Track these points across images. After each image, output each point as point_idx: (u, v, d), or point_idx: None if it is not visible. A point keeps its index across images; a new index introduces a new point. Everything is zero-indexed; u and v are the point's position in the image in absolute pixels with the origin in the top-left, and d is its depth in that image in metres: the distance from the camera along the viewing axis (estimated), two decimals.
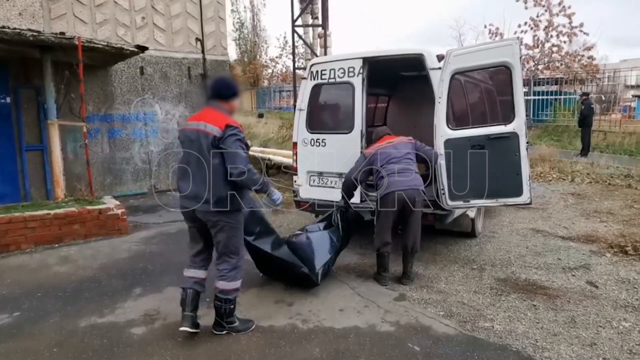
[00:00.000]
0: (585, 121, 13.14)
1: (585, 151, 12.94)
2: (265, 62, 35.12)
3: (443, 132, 4.27)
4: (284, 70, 32.86)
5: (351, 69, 4.90)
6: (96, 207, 5.94)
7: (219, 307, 3.25)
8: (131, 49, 6.86)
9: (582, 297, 3.87)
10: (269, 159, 10.21)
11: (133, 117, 8.75)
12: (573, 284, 4.15)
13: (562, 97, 18.64)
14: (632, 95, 29.48)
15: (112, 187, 8.51)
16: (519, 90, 4.04)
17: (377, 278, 4.28)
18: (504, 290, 4.04)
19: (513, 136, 4.01)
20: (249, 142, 3.20)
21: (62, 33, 6.23)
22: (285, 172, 8.54)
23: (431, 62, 4.51)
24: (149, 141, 9.02)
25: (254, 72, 34.31)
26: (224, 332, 3.28)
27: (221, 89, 3.22)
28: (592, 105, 13.43)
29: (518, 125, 4.01)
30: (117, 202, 6.31)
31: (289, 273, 4.01)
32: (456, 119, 4.38)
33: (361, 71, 4.84)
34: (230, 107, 3.22)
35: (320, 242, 4.11)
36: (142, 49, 6.95)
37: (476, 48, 4.30)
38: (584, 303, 3.75)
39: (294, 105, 10.12)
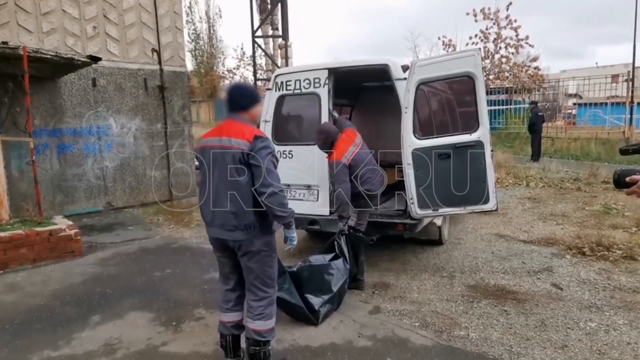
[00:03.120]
0: (533, 128, 13.86)
1: (536, 156, 13.62)
2: (223, 73, 34.71)
3: (410, 141, 4.30)
4: (242, 81, 32.57)
5: (317, 80, 4.85)
6: (46, 228, 5.51)
7: (256, 353, 2.80)
8: (83, 59, 6.50)
9: (548, 299, 3.98)
10: None
11: (85, 131, 8.26)
12: (539, 287, 4.26)
13: (512, 106, 19.62)
14: (573, 103, 31.45)
15: (63, 206, 7.97)
16: (482, 99, 4.14)
17: (352, 286, 4.21)
18: (475, 296, 4.08)
19: (478, 145, 4.08)
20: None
21: (5, 42, 5.81)
22: None
23: (397, 72, 4.54)
24: (103, 156, 8.55)
25: (211, 83, 33.79)
26: None
27: (240, 98, 2.83)
28: (539, 114, 14.18)
29: (483, 133, 4.09)
30: (70, 222, 5.89)
31: (287, 309, 3.63)
32: (423, 129, 4.42)
33: (327, 82, 4.80)
34: (252, 116, 2.85)
35: (322, 277, 3.74)
36: (95, 59, 6.60)
37: (440, 59, 4.37)
38: (551, 306, 3.85)
39: None
